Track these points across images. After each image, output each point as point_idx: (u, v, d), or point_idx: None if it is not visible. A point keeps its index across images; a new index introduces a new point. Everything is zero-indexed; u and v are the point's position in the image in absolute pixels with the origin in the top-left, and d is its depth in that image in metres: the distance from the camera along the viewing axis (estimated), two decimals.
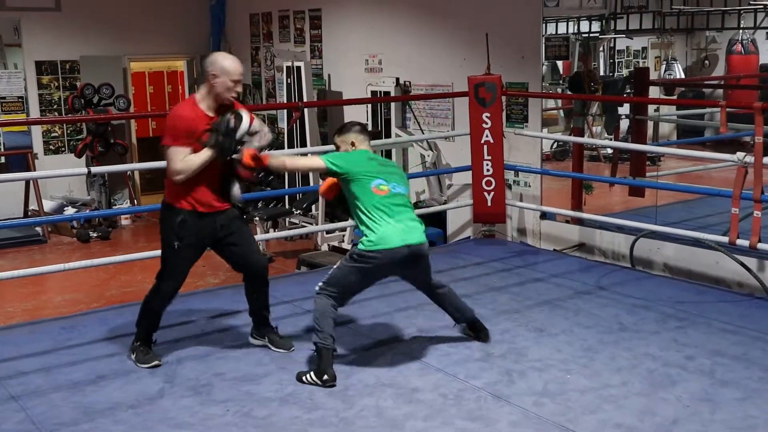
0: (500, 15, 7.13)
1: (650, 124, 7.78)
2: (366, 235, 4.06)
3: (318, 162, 4.21)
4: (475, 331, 4.57)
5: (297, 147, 8.89)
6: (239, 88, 4.13)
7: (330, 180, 4.25)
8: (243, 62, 11.44)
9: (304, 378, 4.02)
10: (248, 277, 4.40)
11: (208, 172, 4.06)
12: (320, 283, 4.17)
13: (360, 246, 4.08)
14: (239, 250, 4.29)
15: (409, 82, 8.19)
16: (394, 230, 4.04)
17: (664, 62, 8.29)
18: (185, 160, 3.98)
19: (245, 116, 4.06)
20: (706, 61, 8.44)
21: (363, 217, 4.10)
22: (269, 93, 10.46)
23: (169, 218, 4.11)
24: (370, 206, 4.08)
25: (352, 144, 4.29)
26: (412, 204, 4.36)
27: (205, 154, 4.00)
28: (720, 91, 8.76)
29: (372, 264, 4.05)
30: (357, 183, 4.11)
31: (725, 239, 5.36)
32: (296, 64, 9.00)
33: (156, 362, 4.24)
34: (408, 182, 4.43)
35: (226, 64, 4.09)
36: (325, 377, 3.97)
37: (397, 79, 8.25)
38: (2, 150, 9.78)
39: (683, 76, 8.35)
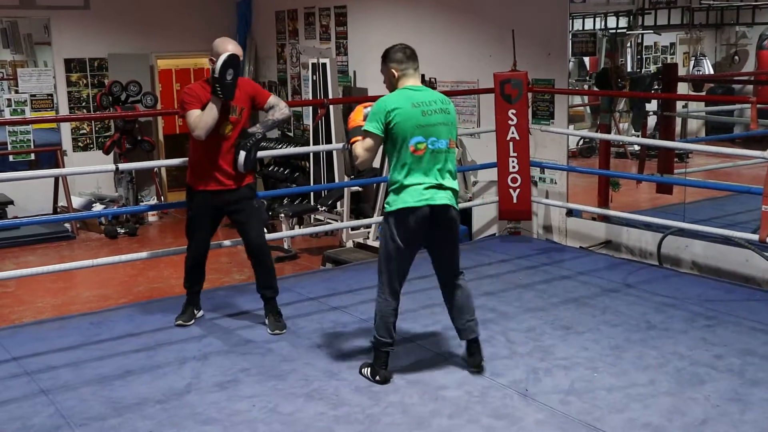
0: (526, 11, 7.09)
1: (678, 120, 7.70)
2: None
3: (368, 139, 3.86)
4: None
5: (322, 144, 8.91)
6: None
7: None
8: (269, 59, 11.55)
9: (362, 370, 4.08)
10: (247, 252, 4.84)
11: (213, 159, 4.57)
12: None
13: None
14: (240, 227, 4.78)
15: (435, 79, 8.17)
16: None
17: (693, 58, 8.20)
18: (196, 117, 4.47)
19: (223, 56, 4.40)
20: (736, 57, 8.33)
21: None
22: (294, 90, 10.48)
23: (187, 195, 4.79)
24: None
25: (394, 75, 3.93)
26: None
27: (210, 104, 4.46)
28: (750, 87, 8.64)
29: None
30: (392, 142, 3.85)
31: (755, 237, 5.29)
32: (321, 61, 9.01)
33: (180, 322, 4.81)
34: (455, 125, 3.97)
35: (219, 47, 4.51)
36: (378, 378, 3.99)
37: (423, 76, 8.22)
38: (32, 147, 9.89)
39: (712, 72, 8.25)
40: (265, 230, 5.09)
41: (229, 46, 4.50)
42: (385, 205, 3.91)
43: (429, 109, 3.85)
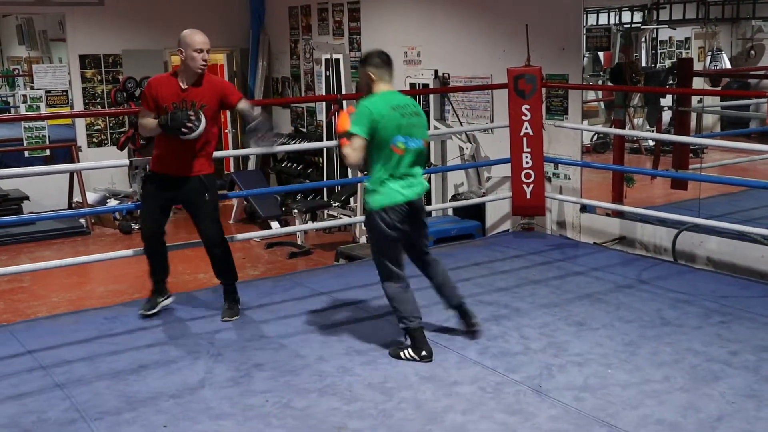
0: (540, 6, 7.06)
1: (693, 115, 7.65)
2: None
3: (356, 140, 4.12)
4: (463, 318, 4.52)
5: (335, 139, 8.91)
6: (206, 56, 4.61)
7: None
8: (282, 55, 11.55)
9: (401, 354, 4.22)
10: (203, 241, 4.88)
11: (170, 146, 4.57)
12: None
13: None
14: (193, 219, 4.85)
15: (448, 74, 8.16)
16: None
17: (709, 53, 8.14)
18: (143, 120, 4.64)
19: (201, 126, 4.47)
20: (752, 51, 8.27)
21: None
22: (308, 86, 10.49)
23: (144, 176, 4.90)
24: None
25: (371, 78, 4.25)
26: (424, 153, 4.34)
27: (154, 123, 4.56)
28: (766, 82, 8.58)
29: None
30: (377, 142, 4.15)
31: None
32: (335, 56, 9.01)
33: (148, 312, 4.89)
34: (426, 127, 4.36)
35: (188, 38, 4.59)
36: (423, 353, 4.17)
37: (436, 71, 8.23)
38: (47, 143, 9.95)
39: (729, 67, 8.20)
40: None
41: (197, 38, 4.59)
42: (368, 201, 4.20)
43: (405, 111, 4.20)
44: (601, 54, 8.33)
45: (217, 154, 5.06)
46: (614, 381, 3.88)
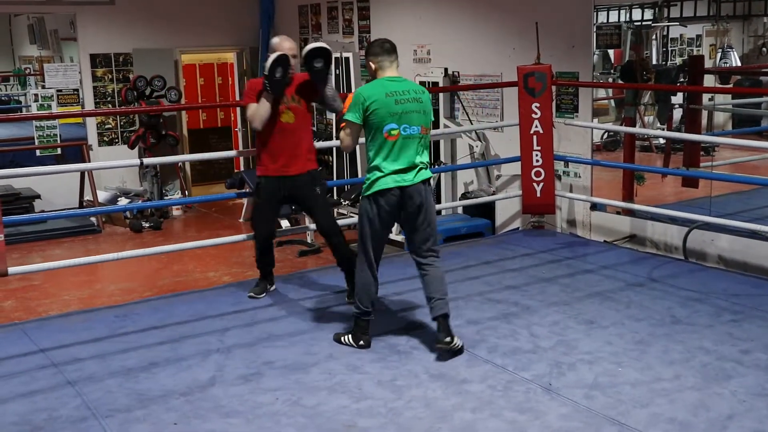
0: (550, 3, 7.04)
1: (704, 113, 7.61)
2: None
3: (348, 126, 4.26)
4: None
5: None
6: (292, 60, 4.93)
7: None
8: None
9: (342, 338, 4.40)
10: (321, 233, 5.22)
11: (276, 147, 4.94)
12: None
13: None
14: (308, 212, 5.35)
15: (458, 73, 8.14)
16: None
17: (720, 50, 8.10)
18: (253, 109, 4.92)
19: (272, 56, 4.82)
20: (764, 49, 8.22)
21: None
22: None
23: (256, 184, 5.18)
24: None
25: (371, 67, 4.30)
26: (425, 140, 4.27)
27: (262, 99, 4.86)
28: None
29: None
30: (370, 128, 4.21)
31: None
32: (345, 55, 9.01)
33: (258, 295, 5.24)
34: (428, 113, 4.29)
35: (277, 45, 5.00)
36: (361, 342, 4.33)
37: (446, 70, 8.21)
38: (59, 141, 9.99)
39: (739, 64, 8.14)
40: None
41: (285, 44, 4.95)
42: (363, 188, 4.27)
43: (402, 98, 4.18)
44: (611, 51, 8.29)
45: (225, 154, 5.14)
46: (624, 379, 3.87)
